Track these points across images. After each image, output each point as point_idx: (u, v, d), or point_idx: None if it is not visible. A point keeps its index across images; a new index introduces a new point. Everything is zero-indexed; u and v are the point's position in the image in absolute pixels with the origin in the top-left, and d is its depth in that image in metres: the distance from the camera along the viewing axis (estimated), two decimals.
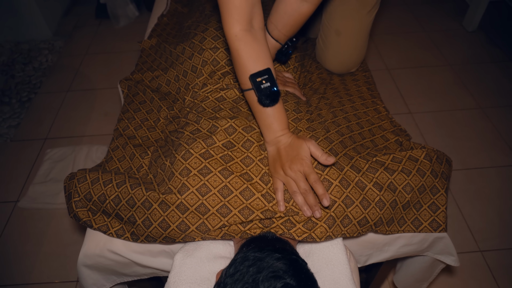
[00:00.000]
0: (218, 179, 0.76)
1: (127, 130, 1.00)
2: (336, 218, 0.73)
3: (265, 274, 0.53)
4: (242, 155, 0.80)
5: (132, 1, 2.66)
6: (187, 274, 0.70)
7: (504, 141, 1.77)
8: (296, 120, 0.88)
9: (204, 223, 0.74)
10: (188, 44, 1.07)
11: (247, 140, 0.83)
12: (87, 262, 0.85)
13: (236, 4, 0.73)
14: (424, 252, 0.90)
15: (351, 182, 0.76)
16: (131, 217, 0.76)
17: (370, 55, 2.29)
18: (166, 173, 0.80)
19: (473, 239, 1.44)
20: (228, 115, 0.89)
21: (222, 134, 0.83)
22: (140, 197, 0.76)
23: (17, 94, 2.15)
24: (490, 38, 2.36)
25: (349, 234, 0.74)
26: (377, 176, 0.78)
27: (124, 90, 1.13)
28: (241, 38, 0.75)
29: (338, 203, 0.74)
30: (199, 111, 0.91)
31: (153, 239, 0.76)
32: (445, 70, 2.17)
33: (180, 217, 0.73)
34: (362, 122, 0.97)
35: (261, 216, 0.74)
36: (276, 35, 0.95)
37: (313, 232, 0.73)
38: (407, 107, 1.96)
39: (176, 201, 0.74)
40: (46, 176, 1.69)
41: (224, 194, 0.75)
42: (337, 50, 1.13)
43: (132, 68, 2.03)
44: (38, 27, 2.50)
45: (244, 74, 0.77)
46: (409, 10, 2.65)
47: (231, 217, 0.74)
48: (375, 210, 0.75)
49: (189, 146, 0.80)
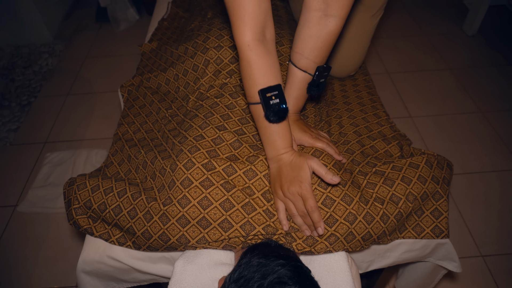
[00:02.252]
0: (220, 192, 0.75)
1: (127, 135, 1.00)
2: (340, 236, 0.73)
3: (270, 280, 0.53)
4: (246, 167, 0.78)
5: (133, 5, 2.66)
6: (188, 281, 0.69)
7: (505, 145, 1.77)
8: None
9: (204, 237, 0.73)
10: (191, 44, 1.06)
11: (253, 156, 0.81)
12: (86, 268, 0.84)
13: (249, 10, 0.67)
14: (426, 258, 0.89)
15: (354, 197, 0.75)
16: (130, 228, 0.76)
17: (370, 58, 2.29)
18: (166, 179, 0.79)
19: (474, 244, 1.44)
20: (236, 126, 0.86)
21: (227, 148, 0.82)
22: (142, 208, 0.76)
23: (17, 97, 2.15)
24: (490, 42, 2.36)
25: (352, 249, 0.74)
26: (377, 191, 0.78)
27: (124, 95, 1.13)
28: (253, 49, 0.70)
29: (339, 221, 0.73)
30: (207, 116, 0.88)
31: (155, 249, 0.76)
32: (445, 74, 2.17)
33: (181, 231, 0.73)
34: (361, 129, 0.97)
35: (262, 232, 0.73)
36: (304, 64, 0.80)
37: (313, 248, 0.73)
38: (408, 111, 1.96)
39: (177, 213, 0.73)
40: (46, 180, 1.68)
41: (225, 207, 0.74)
42: (338, 53, 1.12)
43: (132, 71, 2.04)
44: (39, 31, 2.50)
45: (253, 87, 0.72)
46: (410, 14, 2.66)
47: (232, 232, 0.73)
48: (379, 224, 0.75)
49: (192, 155, 0.79)
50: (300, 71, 0.81)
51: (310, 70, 0.81)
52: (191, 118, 0.90)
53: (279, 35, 1.04)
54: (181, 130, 0.88)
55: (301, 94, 0.84)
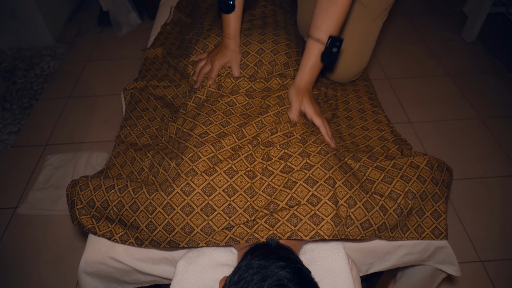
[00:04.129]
0: (223, 178, 0.77)
1: (129, 138, 1.00)
2: (342, 218, 0.73)
3: (270, 282, 0.53)
4: (247, 151, 0.82)
5: (135, 9, 2.68)
6: (190, 282, 0.70)
7: (504, 151, 1.78)
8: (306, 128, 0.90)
9: (209, 224, 0.74)
10: (190, 60, 1.11)
11: (256, 140, 0.84)
12: (88, 270, 0.84)
13: None
14: (426, 262, 0.90)
15: (355, 185, 0.77)
16: (134, 222, 0.76)
17: (371, 64, 2.30)
18: (170, 173, 0.80)
19: (473, 249, 1.44)
20: (239, 120, 0.90)
21: (231, 138, 0.84)
22: (143, 201, 0.76)
23: (18, 100, 2.15)
24: (488, 48, 2.38)
25: (352, 236, 0.74)
26: (376, 186, 0.79)
27: (126, 97, 1.14)
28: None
29: (340, 203, 0.74)
30: (210, 114, 0.91)
31: (158, 244, 0.75)
32: (444, 80, 2.19)
33: (185, 219, 0.73)
34: (358, 139, 0.99)
35: (265, 211, 0.74)
36: (318, 35, 0.89)
37: (320, 229, 0.72)
38: (407, 116, 1.97)
39: (182, 202, 0.74)
40: (46, 182, 1.69)
41: (229, 193, 0.76)
42: (340, 56, 1.13)
43: (133, 75, 2.05)
44: (41, 34, 2.52)
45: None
46: (409, 20, 2.68)
47: (237, 216, 0.74)
48: (379, 214, 0.75)
49: (197, 149, 0.81)
50: (314, 41, 0.90)
51: (323, 40, 0.89)
52: (194, 117, 0.92)
53: (274, 42, 1.08)
54: (187, 130, 0.90)
55: (316, 63, 0.92)
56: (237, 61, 1.02)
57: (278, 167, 0.80)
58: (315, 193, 0.74)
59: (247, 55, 1.05)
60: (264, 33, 1.10)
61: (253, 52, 1.05)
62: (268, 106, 0.94)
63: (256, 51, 1.05)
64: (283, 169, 0.80)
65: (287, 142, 0.84)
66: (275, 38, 1.08)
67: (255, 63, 1.04)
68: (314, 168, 0.78)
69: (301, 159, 0.80)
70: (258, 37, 1.08)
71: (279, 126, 0.87)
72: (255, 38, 1.08)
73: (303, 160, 0.80)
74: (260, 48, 1.06)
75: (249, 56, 1.05)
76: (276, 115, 0.91)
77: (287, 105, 0.94)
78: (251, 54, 1.05)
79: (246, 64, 1.04)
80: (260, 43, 1.07)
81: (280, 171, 0.79)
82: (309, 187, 0.75)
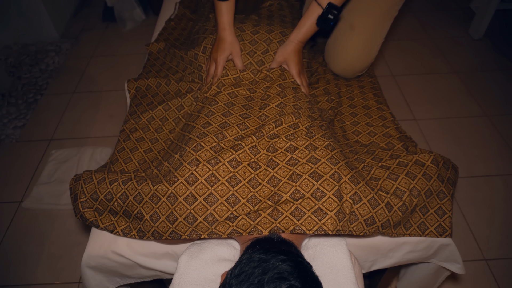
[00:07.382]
0: (227, 169, 0.77)
1: (135, 132, 1.00)
2: (346, 213, 0.73)
3: (271, 275, 0.53)
4: (251, 143, 0.82)
5: (139, 5, 2.68)
6: (192, 276, 0.70)
7: (510, 149, 1.76)
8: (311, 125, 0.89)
9: (211, 213, 0.73)
10: (200, 50, 1.10)
11: (259, 132, 0.84)
12: (90, 264, 0.84)
13: None
14: (429, 259, 0.89)
15: (361, 181, 0.76)
16: (139, 212, 0.76)
17: (376, 61, 2.28)
18: (173, 165, 0.80)
19: (478, 247, 1.43)
20: (241, 111, 0.91)
21: (234, 129, 0.85)
22: (147, 192, 0.76)
23: (23, 95, 2.16)
24: (496, 46, 2.35)
25: (355, 232, 0.73)
26: (381, 184, 0.79)
27: (131, 91, 1.14)
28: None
29: (345, 198, 0.74)
30: (212, 104, 0.92)
31: (160, 235, 0.75)
32: (451, 77, 2.17)
33: (188, 209, 0.73)
34: (362, 138, 0.98)
35: (268, 203, 0.74)
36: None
37: (323, 223, 0.72)
38: (412, 113, 1.96)
39: (185, 192, 0.74)
40: (50, 177, 1.70)
41: (232, 183, 0.76)
42: (347, 46, 1.12)
43: (138, 70, 2.05)
44: (46, 30, 2.52)
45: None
46: (415, 17, 2.66)
47: (240, 206, 0.74)
48: (384, 211, 0.75)
49: (200, 139, 0.82)
50: (317, 5, 0.97)
51: (323, 5, 0.96)
52: (199, 110, 0.93)
53: (281, 33, 1.08)
54: (190, 122, 0.91)
55: (312, 25, 1.00)
56: (237, 52, 1.03)
57: (284, 158, 0.80)
58: (319, 187, 0.74)
59: (255, 43, 1.06)
60: (272, 24, 1.12)
61: (260, 41, 1.07)
62: (269, 97, 0.95)
63: (264, 40, 1.07)
64: (288, 161, 0.79)
65: (292, 133, 0.84)
66: (283, 30, 1.10)
67: (263, 51, 1.06)
68: (320, 163, 0.78)
69: (307, 152, 0.80)
70: (266, 27, 1.10)
71: (283, 118, 0.87)
72: (263, 28, 1.09)
73: (309, 154, 0.80)
74: (267, 38, 1.08)
75: (258, 44, 1.06)
76: (278, 106, 0.91)
77: (288, 95, 0.94)
78: (259, 43, 1.07)
79: (253, 52, 1.06)
80: (268, 33, 1.08)
81: (286, 163, 0.79)
82: (314, 181, 0.75)
